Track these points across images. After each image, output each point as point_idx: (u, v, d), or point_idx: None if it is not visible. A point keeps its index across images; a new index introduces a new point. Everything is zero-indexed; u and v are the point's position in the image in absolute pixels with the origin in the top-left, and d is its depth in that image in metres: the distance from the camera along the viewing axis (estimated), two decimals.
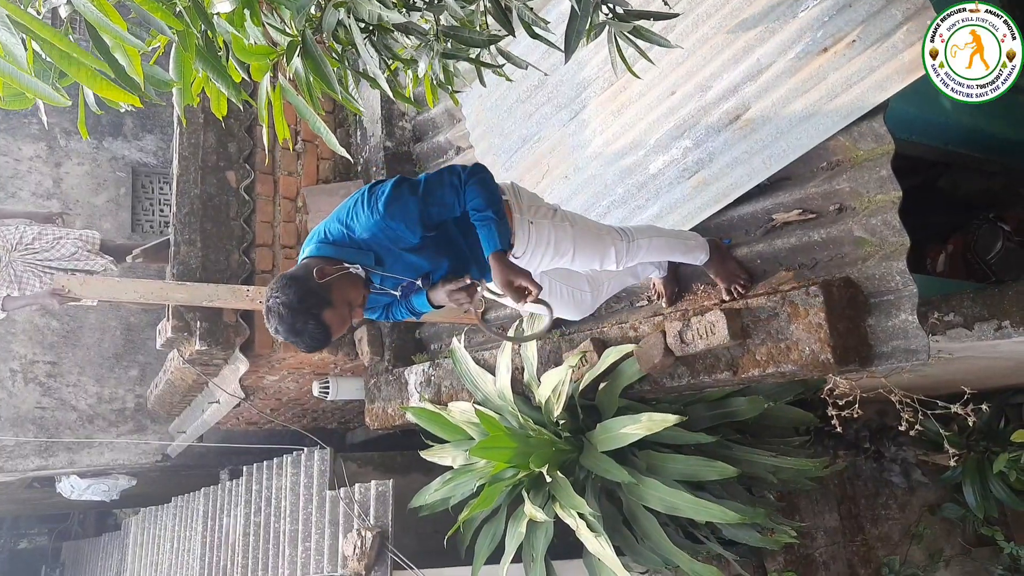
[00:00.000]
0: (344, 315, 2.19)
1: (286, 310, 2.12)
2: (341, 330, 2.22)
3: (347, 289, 2.21)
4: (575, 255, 2.61)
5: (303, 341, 2.15)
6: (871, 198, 2.70)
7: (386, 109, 4.75)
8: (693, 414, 3.55)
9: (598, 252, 2.67)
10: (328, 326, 2.15)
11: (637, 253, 2.74)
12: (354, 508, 4.42)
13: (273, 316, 2.15)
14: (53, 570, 12.59)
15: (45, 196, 6.74)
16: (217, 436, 6.20)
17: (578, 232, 2.61)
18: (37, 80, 1.40)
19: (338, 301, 2.18)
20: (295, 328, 2.13)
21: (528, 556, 3.77)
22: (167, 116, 7.17)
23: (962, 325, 2.85)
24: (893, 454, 4.54)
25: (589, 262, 2.68)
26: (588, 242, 2.64)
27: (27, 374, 6.50)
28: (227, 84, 1.74)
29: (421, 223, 2.25)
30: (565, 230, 2.57)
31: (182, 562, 6.82)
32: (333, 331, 2.17)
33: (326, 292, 2.16)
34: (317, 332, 2.14)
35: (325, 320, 2.15)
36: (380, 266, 2.28)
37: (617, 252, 2.68)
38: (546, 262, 2.60)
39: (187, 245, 4.54)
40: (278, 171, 4.95)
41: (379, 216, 2.21)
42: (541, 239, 2.52)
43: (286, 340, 2.18)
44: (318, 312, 2.14)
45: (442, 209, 2.28)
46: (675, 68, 3.21)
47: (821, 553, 4.52)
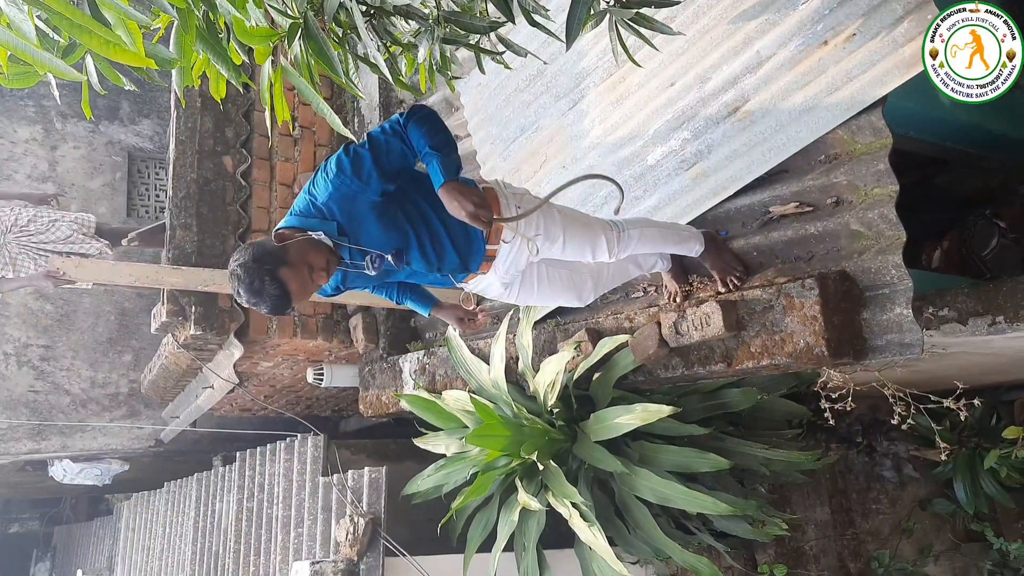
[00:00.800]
0: (303, 276, 2.22)
1: (242, 270, 2.18)
2: (302, 292, 2.25)
3: (307, 251, 2.24)
4: (565, 242, 2.62)
5: (263, 301, 2.19)
6: (868, 192, 2.71)
7: (384, 96, 4.74)
8: (687, 405, 3.56)
9: (588, 240, 2.67)
10: (285, 283, 2.18)
11: (629, 243, 2.75)
12: (347, 495, 4.43)
13: (233, 278, 2.20)
14: (44, 554, 12.59)
15: (40, 179, 6.71)
16: (211, 422, 6.21)
17: (567, 219, 2.63)
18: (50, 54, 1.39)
19: (296, 261, 2.21)
20: (252, 287, 2.17)
21: (520, 545, 3.79)
22: (164, 101, 7.14)
23: (956, 320, 2.86)
24: (885, 449, 4.56)
25: (580, 251, 2.69)
26: (578, 230, 2.66)
27: (20, 357, 6.49)
28: (227, 66, 1.73)
29: (376, 171, 2.25)
30: (553, 216, 2.60)
31: (174, 547, 6.83)
32: (292, 290, 2.20)
33: (283, 252, 2.21)
34: (274, 290, 2.17)
35: (282, 277, 2.18)
36: (344, 236, 2.30)
37: (608, 242, 2.69)
38: (536, 247, 2.60)
39: (183, 230, 4.53)
40: (275, 157, 4.94)
41: (333, 174, 2.26)
42: (530, 225, 2.53)
43: (248, 303, 2.22)
44: (274, 269, 2.18)
45: (391, 155, 2.29)
46: (675, 59, 3.20)
47: (811, 546, 4.54)
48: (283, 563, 4.96)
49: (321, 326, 4.82)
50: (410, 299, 2.82)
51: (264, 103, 1.91)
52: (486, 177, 4.02)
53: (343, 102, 5.14)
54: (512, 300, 2.88)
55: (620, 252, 2.74)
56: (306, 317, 4.77)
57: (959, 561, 4.92)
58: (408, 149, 2.31)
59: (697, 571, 3.58)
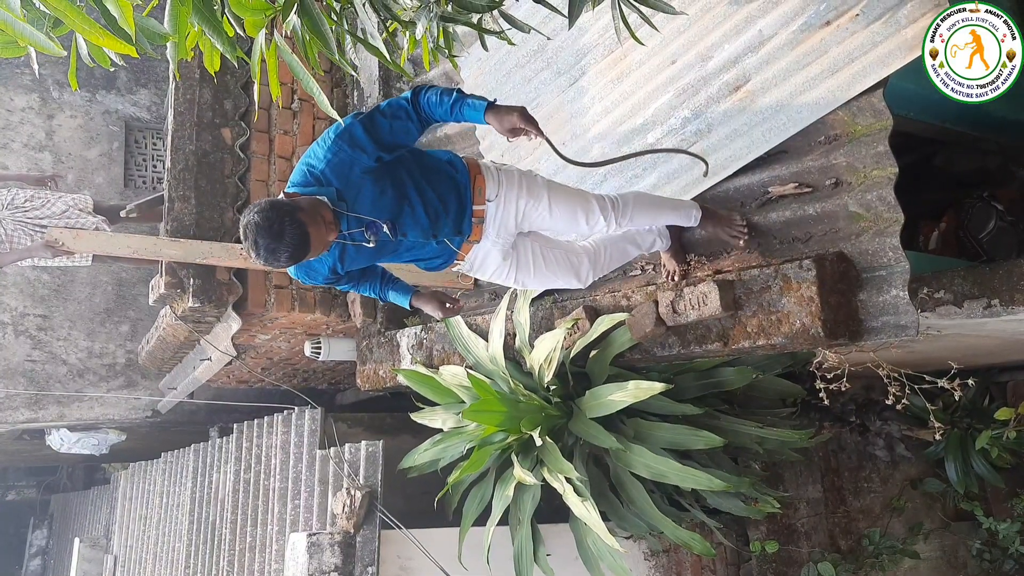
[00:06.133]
0: (318, 224, 2.21)
1: (261, 215, 2.14)
2: (319, 240, 2.23)
3: (317, 204, 2.26)
4: (551, 204, 2.66)
5: (283, 247, 2.15)
6: (867, 173, 2.71)
7: (384, 70, 4.71)
8: (682, 383, 3.58)
9: (579, 203, 2.72)
10: (305, 225, 2.16)
11: (627, 209, 2.77)
12: (344, 468, 4.46)
13: (250, 228, 2.15)
14: (41, 522, 12.67)
15: (37, 148, 6.68)
16: (208, 393, 6.23)
17: (551, 184, 2.71)
18: (31, 27, 1.38)
19: (310, 210, 2.22)
20: (272, 230, 2.13)
21: (515, 519, 3.83)
22: (162, 71, 7.09)
23: (952, 302, 2.87)
24: (878, 428, 4.59)
25: (572, 214, 2.71)
26: (562, 192, 2.72)
27: (17, 327, 6.49)
28: (222, 39, 1.72)
29: (373, 141, 2.30)
30: (534, 176, 2.69)
31: (171, 517, 6.88)
32: (312, 234, 2.18)
33: (296, 203, 2.22)
34: (295, 232, 2.14)
35: (301, 219, 2.16)
36: (342, 203, 2.32)
37: (601, 208, 2.72)
38: (522, 205, 2.64)
39: (181, 201, 4.52)
40: (274, 129, 4.92)
41: (331, 141, 2.30)
42: (512, 181, 2.62)
43: (265, 253, 2.16)
44: (293, 212, 2.16)
45: (395, 122, 2.34)
46: (676, 37, 3.19)
47: (803, 523, 4.59)
48: (280, 534, 5.00)
49: (319, 299, 4.83)
50: (392, 291, 2.84)
51: (254, 77, 1.90)
52: (484, 153, 4.01)
53: (343, 75, 5.10)
54: (511, 283, 2.89)
55: (621, 218, 2.76)
56: (304, 290, 4.77)
57: (948, 539, 4.98)
58: (414, 125, 2.36)
59: (689, 547, 3.63)
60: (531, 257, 2.84)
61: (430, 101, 2.35)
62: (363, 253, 2.49)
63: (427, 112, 2.36)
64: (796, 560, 4.50)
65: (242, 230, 2.18)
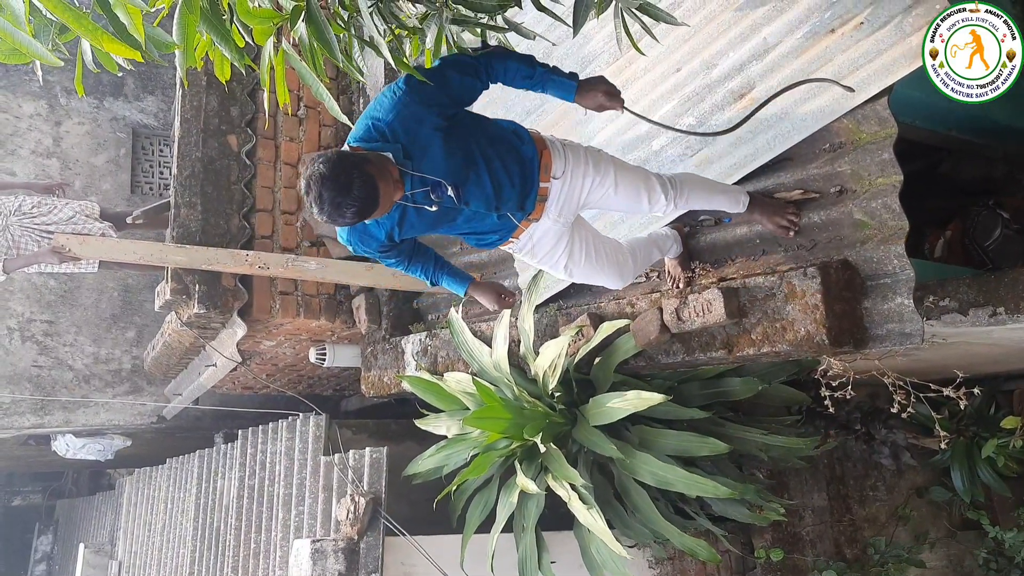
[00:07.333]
0: (387, 180, 2.09)
1: (327, 166, 2.01)
2: (387, 196, 2.10)
3: (383, 160, 2.14)
4: (617, 180, 2.58)
5: (351, 199, 2.01)
6: (872, 181, 2.71)
7: (390, 77, 4.72)
8: (687, 391, 3.58)
9: (642, 180, 2.64)
10: (375, 178, 2.04)
11: (683, 191, 2.70)
12: (348, 474, 4.46)
13: (315, 181, 2.01)
14: (47, 527, 12.68)
15: (45, 155, 6.71)
16: (213, 399, 6.24)
17: (616, 160, 2.64)
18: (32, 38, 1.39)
19: (378, 164, 2.10)
20: (339, 183, 1.99)
21: (519, 526, 3.82)
22: (168, 77, 7.12)
23: (957, 310, 2.87)
24: (883, 436, 4.57)
25: (635, 192, 2.62)
26: (628, 169, 2.64)
27: (24, 332, 6.51)
28: (230, 48, 1.74)
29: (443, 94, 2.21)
30: (599, 152, 2.61)
31: (176, 523, 6.88)
32: (381, 189, 2.06)
33: (364, 155, 2.11)
34: (365, 186, 2.02)
35: (370, 172, 2.04)
36: (408, 161, 2.20)
37: (663, 187, 2.65)
38: (588, 183, 2.55)
39: (187, 208, 4.54)
40: (280, 136, 4.93)
41: (402, 92, 2.18)
42: (579, 157, 2.53)
43: (331, 207, 2.02)
44: (362, 163, 2.04)
45: (465, 79, 2.24)
46: (681, 45, 3.19)
47: (808, 531, 4.57)
48: (284, 541, 5.00)
49: (324, 306, 4.84)
50: (446, 276, 2.71)
51: (264, 85, 1.91)
52: None
53: (349, 82, 5.12)
54: (559, 270, 2.78)
55: (679, 198, 2.69)
56: (309, 297, 4.78)
57: (954, 548, 4.95)
58: (481, 85, 2.29)
59: (695, 554, 3.61)
60: (584, 247, 2.75)
61: (509, 68, 2.26)
62: (424, 219, 2.36)
63: (501, 77, 2.28)
64: (801, 568, 4.48)
65: (304, 182, 2.05)
